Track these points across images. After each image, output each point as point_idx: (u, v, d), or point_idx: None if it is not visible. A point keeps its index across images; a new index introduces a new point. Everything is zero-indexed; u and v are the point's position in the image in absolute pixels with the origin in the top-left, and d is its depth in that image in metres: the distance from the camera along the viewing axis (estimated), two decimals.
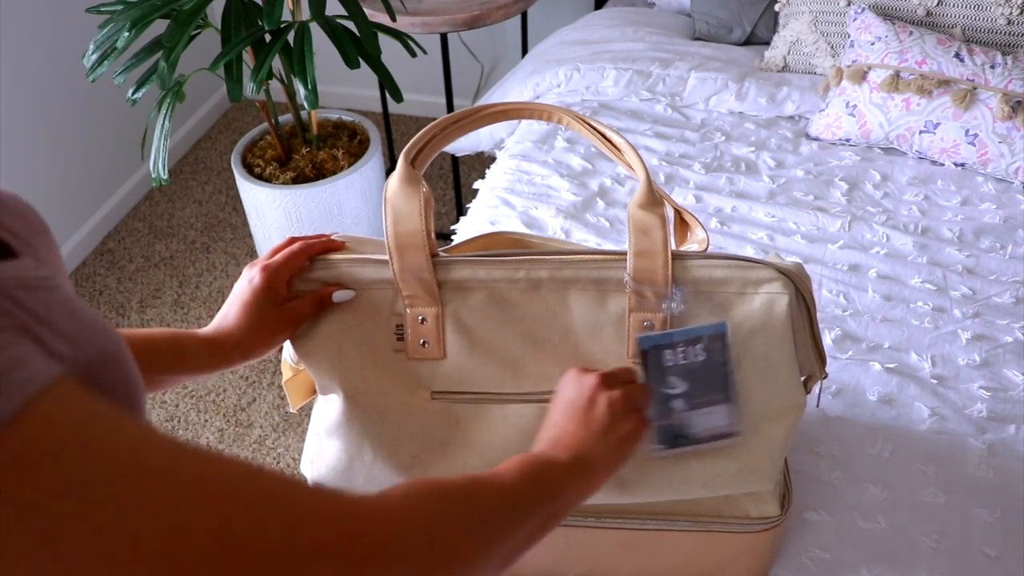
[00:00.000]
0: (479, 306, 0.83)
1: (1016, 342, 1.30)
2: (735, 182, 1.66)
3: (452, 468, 0.84)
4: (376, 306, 0.84)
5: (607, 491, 0.85)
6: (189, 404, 2.13)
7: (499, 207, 1.62)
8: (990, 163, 1.64)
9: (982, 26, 1.78)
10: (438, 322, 0.83)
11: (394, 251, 0.81)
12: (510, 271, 0.83)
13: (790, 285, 0.82)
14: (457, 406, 0.84)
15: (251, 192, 1.99)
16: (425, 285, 0.82)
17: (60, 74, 2.39)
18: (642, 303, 0.81)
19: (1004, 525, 1.06)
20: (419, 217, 0.79)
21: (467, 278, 0.83)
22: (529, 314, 0.83)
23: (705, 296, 0.82)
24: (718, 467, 0.86)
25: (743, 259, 0.83)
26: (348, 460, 0.86)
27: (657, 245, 0.79)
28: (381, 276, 0.83)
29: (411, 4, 2.16)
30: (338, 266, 0.83)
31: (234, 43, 1.73)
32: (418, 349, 0.84)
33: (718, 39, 2.11)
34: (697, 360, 0.81)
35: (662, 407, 0.82)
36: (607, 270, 0.82)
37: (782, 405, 0.85)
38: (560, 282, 0.82)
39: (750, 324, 0.82)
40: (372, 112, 3.08)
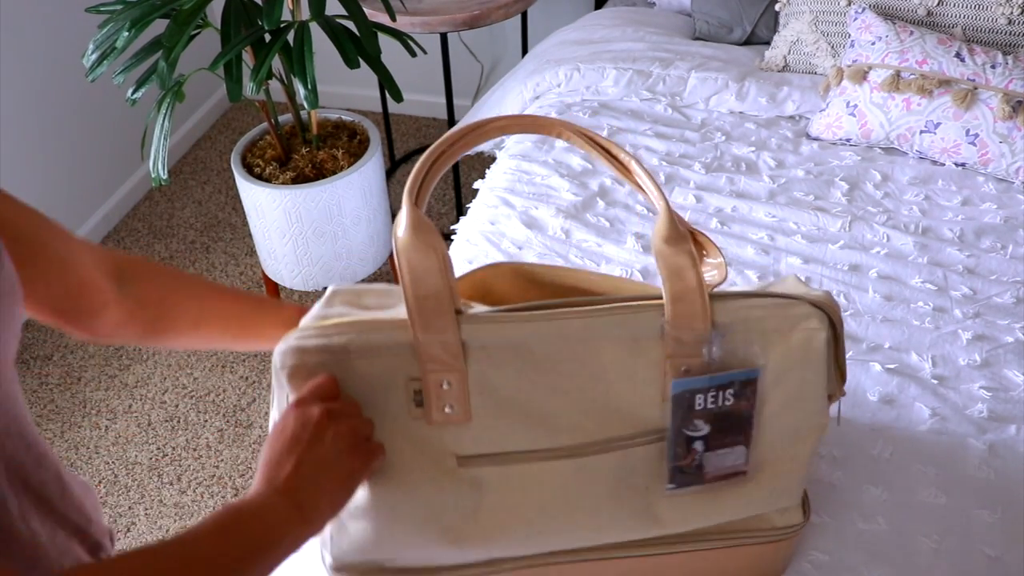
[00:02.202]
0: (506, 363, 0.77)
1: (1017, 342, 1.30)
2: (735, 182, 1.65)
3: (488, 534, 0.81)
4: (390, 374, 0.76)
5: (645, 528, 0.85)
6: (189, 404, 2.13)
7: (499, 207, 1.61)
8: (991, 163, 1.64)
9: (983, 26, 1.78)
10: (463, 385, 0.76)
11: (416, 314, 0.74)
12: (540, 326, 0.76)
13: (826, 319, 0.81)
14: (486, 469, 0.79)
15: (251, 192, 1.98)
16: (449, 348, 0.75)
17: (59, 74, 2.39)
18: (680, 348, 0.78)
19: (1005, 526, 1.05)
20: (440, 275, 0.73)
21: (495, 337, 0.76)
22: (559, 367, 0.78)
23: (744, 336, 0.79)
24: (750, 493, 0.86)
25: (779, 295, 0.80)
26: (377, 539, 0.81)
27: (692, 287, 0.76)
28: (396, 340, 0.75)
29: (411, 4, 2.16)
30: (348, 332, 0.75)
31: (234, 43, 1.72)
32: (441, 415, 0.77)
33: (718, 39, 2.11)
34: (725, 405, 0.79)
35: (683, 448, 0.81)
36: (642, 319, 0.77)
37: (808, 428, 0.85)
38: (593, 333, 0.77)
39: (789, 361, 0.80)
40: (372, 112, 3.07)
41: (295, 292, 2.39)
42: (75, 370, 2.23)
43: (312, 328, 0.76)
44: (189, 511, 1.89)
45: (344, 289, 0.82)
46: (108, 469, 2.00)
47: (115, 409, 2.13)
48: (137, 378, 2.20)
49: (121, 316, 0.77)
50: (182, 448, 2.03)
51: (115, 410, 2.13)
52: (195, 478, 1.96)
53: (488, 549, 0.83)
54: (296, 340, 0.76)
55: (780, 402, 0.82)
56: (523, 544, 0.84)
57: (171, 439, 2.05)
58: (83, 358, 2.26)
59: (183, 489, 1.94)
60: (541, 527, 0.82)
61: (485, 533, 0.81)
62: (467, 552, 0.83)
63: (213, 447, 2.02)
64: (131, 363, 2.24)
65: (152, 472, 1.98)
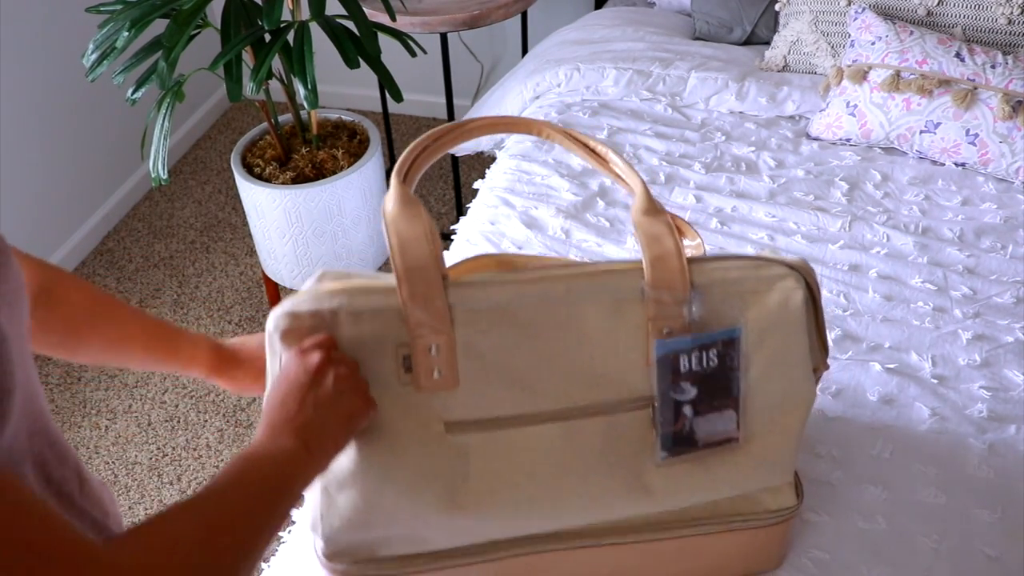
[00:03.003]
0: (492, 328, 0.79)
1: (1017, 342, 1.30)
2: (735, 182, 1.65)
3: (478, 501, 0.82)
4: (380, 339, 0.78)
5: (636, 502, 0.86)
6: (189, 404, 2.13)
7: (499, 207, 1.61)
8: (991, 163, 1.64)
9: (983, 26, 1.78)
10: (450, 350, 0.78)
11: (403, 278, 0.76)
12: (524, 288, 0.79)
13: (802, 280, 0.83)
14: (474, 435, 0.81)
15: (251, 192, 1.98)
16: (436, 312, 0.77)
17: (59, 74, 2.39)
18: (661, 310, 0.80)
19: (1004, 525, 1.05)
20: (426, 240, 0.76)
21: (479, 300, 0.78)
22: (543, 331, 0.80)
23: (722, 297, 0.81)
24: (741, 464, 0.87)
25: (754, 258, 0.83)
26: (367, 509, 0.82)
27: (671, 251, 0.79)
28: (385, 305, 0.77)
29: (411, 4, 2.16)
30: (339, 296, 0.78)
31: (234, 43, 1.72)
32: (429, 380, 0.79)
33: (718, 39, 2.11)
34: (710, 366, 0.81)
35: (671, 413, 0.82)
36: (623, 281, 0.80)
37: (795, 398, 0.86)
38: (576, 296, 0.80)
39: (767, 321, 0.82)
40: (372, 112, 3.07)
41: (295, 292, 2.39)
42: (75, 370, 2.23)
43: (305, 293, 0.79)
44: None
45: (333, 271, 0.84)
46: (108, 469, 1.99)
47: (115, 409, 2.13)
48: (137, 378, 2.20)
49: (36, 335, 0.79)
50: (182, 448, 2.03)
51: (115, 410, 2.13)
52: (195, 478, 1.96)
53: (479, 519, 0.84)
54: (289, 304, 0.78)
55: (764, 365, 0.83)
56: (514, 514, 0.84)
57: (171, 439, 2.05)
58: None
59: (183, 489, 1.94)
60: (531, 492, 0.83)
61: (476, 500, 0.82)
62: (458, 522, 0.83)
63: (213, 447, 2.03)
64: None
65: (152, 472, 1.98)
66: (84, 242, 2.55)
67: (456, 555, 0.89)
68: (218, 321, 2.34)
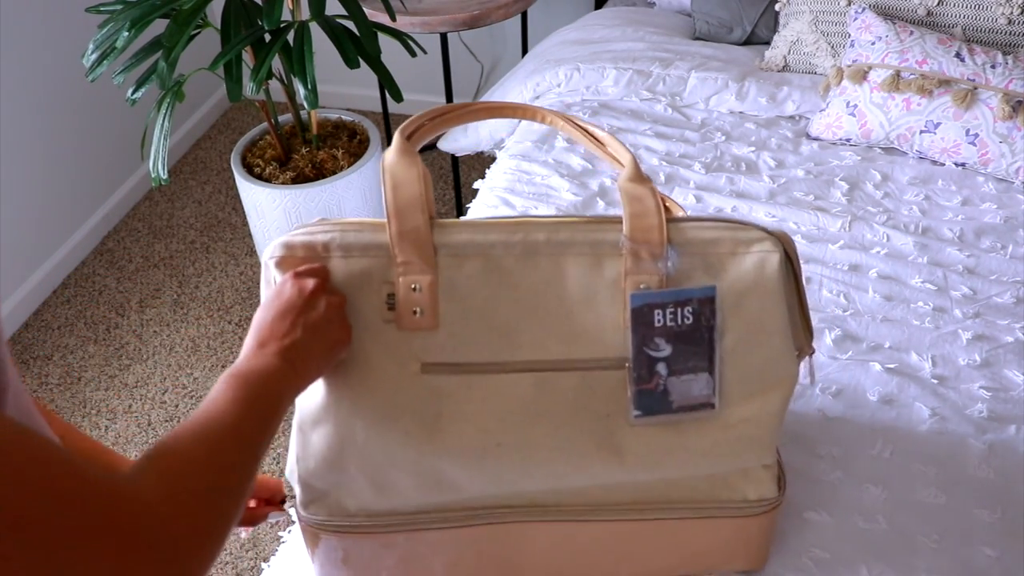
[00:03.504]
0: (474, 274, 0.82)
1: (1017, 342, 1.30)
2: (735, 182, 1.65)
3: (447, 442, 0.83)
4: (366, 274, 0.81)
5: (607, 462, 0.86)
6: (189, 404, 2.13)
7: (499, 207, 1.61)
8: (991, 163, 1.64)
9: (983, 26, 1.78)
10: (432, 290, 0.81)
11: (392, 214, 0.80)
12: (507, 235, 0.82)
13: (779, 245, 0.83)
14: (449, 378, 0.83)
15: (251, 192, 1.98)
16: (422, 250, 0.80)
17: (59, 74, 2.39)
18: (638, 265, 0.82)
19: (1004, 525, 1.05)
20: (418, 183, 0.79)
21: (464, 242, 0.82)
22: (524, 282, 0.82)
23: (698, 257, 0.83)
24: (717, 435, 0.86)
25: (732, 220, 0.84)
26: (340, 444, 0.84)
27: (650, 209, 0.81)
28: (374, 241, 0.81)
29: (411, 4, 2.16)
30: (332, 230, 0.82)
31: (234, 43, 1.72)
32: (410, 319, 0.82)
33: (718, 39, 2.11)
34: (685, 323, 0.82)
35: (645, 370, 0.83)
36: (603, 233, 0.82)
37: (776, 374, 0.86)
38: (556, 245, 0.82)
39: (743, 284, 0.83)
40: (372, 112, 3.07)
41: None
42: (75, 370, 2.23)
43: (300, 227, 0.83)
44: None
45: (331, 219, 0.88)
46: None
47: (115, 409, 2.13)
48: (137, 378, 2.20)
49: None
50: None
51: (115, 410, 2.13)
52: None
53: (448, 461, 0.85)
54: (285, 236, 0.82)
55: (742, 331, 0.84)
56: (482, 460, 0.85)
57: None
58: (83, 358, 2.26)
59: None
60: (500, 438, 0.84)
61: (444, 441, 0.83)
62: (426, 462, 0.84)
63: None
64: (131, 363, 2.24)
65: None
66: (84, 242, 2.55)
67: (429, 519, 0.89)
68: (218, 321, 2.34)
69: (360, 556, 0.92)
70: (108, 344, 2.29)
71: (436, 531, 0.90)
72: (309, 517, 0.89)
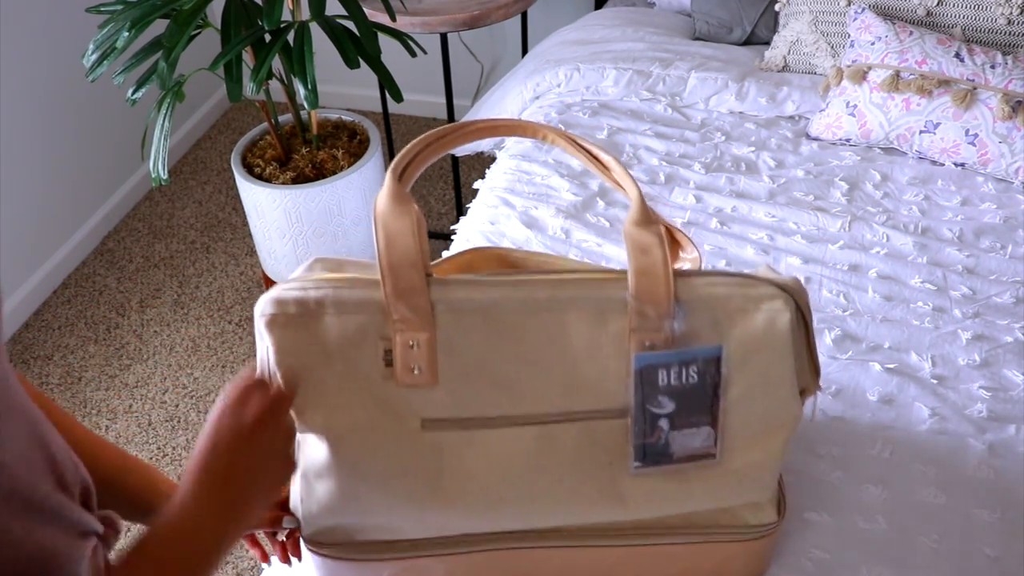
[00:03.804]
0: (474, 329, 0.79)
1: (1016, 342, 1.30)
2: (735, 182, 1.66)
3: (450, 497, 0.82)
4: (362, 331, 0.78)
5: (611, 508, 0.86)
6: (189, 404, 2.13)
7: (499, 207, 1.62)
8: (990, 163, 1.64)
9: (982, 26, 1.78)
10: (430, 346, 0.78)
11: (387, 272, 0.76)
12: (507, 292, 0.79)
13: (791, 302, 0.81)
14: (449, 434, 0.81)
15: (251, 192, 1.99)
16: (418, 308, 0.77)
17: (60, 74, 2.39)
18: (643, 323, 0.79)
19: (1004, 525, 1.06)
20: (412, 236, 0.76)
21: (462, 299, 0.79)
22: (526, 336, 0.80)
23: (707, 314, 0.80)
24: (717, 480, 0.86)
25: (743, 276, 0.82)
26: (342, 500, 0.83)
27: (657, 263, 0.78)
28: (369, 298, 0.78)
29: (411, 4, 2.16)
30: (325, 287, 0.78)
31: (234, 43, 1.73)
32: (409, 376, 0.79)
33: (718, 39, 2.11)
34: (689, 382, 0.80)
35: (647, 425, 0.82)
36: (607, 290, 0.79)
37: (779, 419, 0.85)
38: (559, 303, 0.79)
39: (752, 341, 0.81)
40: (372, 112, 3.08)
41: None
42: (75, 370, 2.23)
43: (294, 280, 0.80)
44: None
45: (327, 258, 0.85)
46: None
47: (115, 409, 2.13)
48: (137, 378, 2.20)
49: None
50: (182, 448, 2.03)
51: (115, 410, 2.13)
52: None
53: (450, 515, 0.84)
54: (277, 291, 0.79)
55: (746, 385, 0.82)
56: (484, 513, 0.84)
57: (171, 439, 2.05)
58: (83, 358, 2.26)
59: None
60: (503, 493, 0.83)
61: (447, 497, 0.82)
62: (429, 517, 0.84)
63: None
64: (131, 363, 2.24)
65: None
66: (85, 242, 2.56)
67: (434, 545, 0.89)
68: (218, 321, 2.34)
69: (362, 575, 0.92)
70: (108, 344, 2.30)
71: (438, 557, 0.90)
72: (314, 548, 0.90)
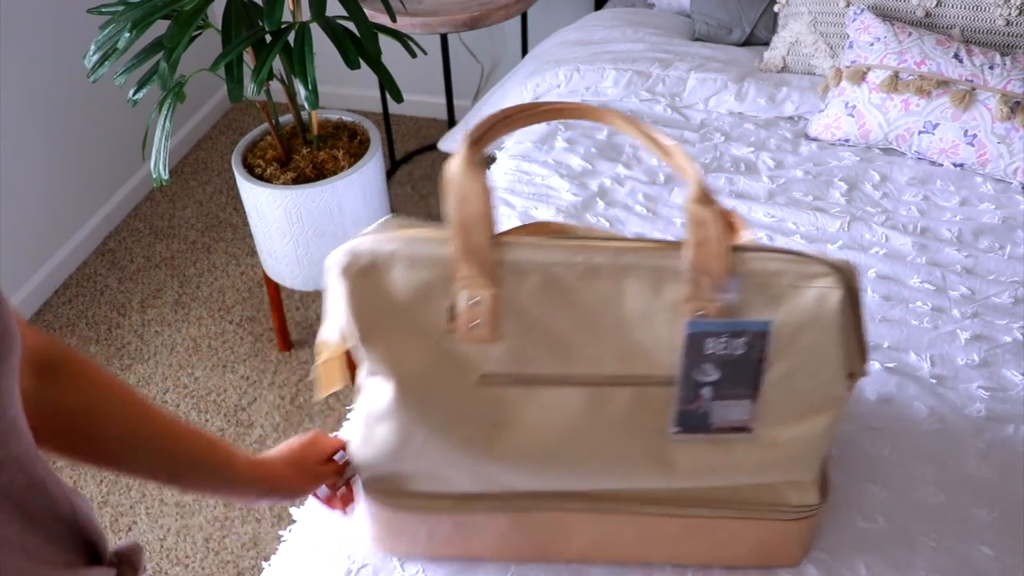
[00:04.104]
0: (535, 289, 0.83)
1: (1015, 342, 1.30)
2: (735, 182, 1.66)
3: (504, 451, 0.86)
4: (429, 286, 0.83)
5: (657, 473, 0.88)
6: (190, 404, 2.13)
7: (499, 207, 1.62)
8: (989, 163, 1.64)
9: (981, 27, 1.78)
10: (493, 304, 0.83)
11: (457, 231, 0.81)
12: (569, 255, 0.83)
13: (842, 281, 0.83)
14: (506, 389, 0.85)
15: (252, 192, 1.99)
16: (484, 266, 0.82)
17: (61, 75, 2.40)
18: (698, 292, 0.82)
19: (1003, 525, 1.06)
20: (482, 199, 0.80)
21: (526, 261, 0.83)
22: (584, 299, 0.83)
23: (759, 288, 0.82)
24: (763, 454, 0.88)
25: (797, 253, 0.84)
26: (399, 444, 0.88)
27: (714, 237, 0.81)
28: (437, 254, 0.83)
29: (411, 4, 2.16)
30: (397, 241, 0.83)
31: (235, 44, 1.73)
32: (471, 331, 0.83)
33: (718, 40, 2.12)
34: (736, 353, 0.83)
35: (690, 392, 0.84)
36: (665, 259, 0.82)
37: (825, 398, 0.87)
38: (618, 268, 0.83)
39: (801, 317, 0.83)
40: (372, 112, 3.08)
41: (296, 292, 2.39)
42: None
43: (367, 235, 0.85)
44: (190, 510, 1.90)
45: (399, 219, 0.90)
46: None
47: None
48: (138, 378, 2.20)
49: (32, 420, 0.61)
50: None
51: None
52: None
53: (502, 468, 0.88)
54: (351, 243, 0.84)
55: (793, 362, 0.84)
56: (535, 468, 0.88)
57: None
58: None
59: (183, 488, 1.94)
60: (554, 449, 0.87)
61: (500, 450, 0.86)
62: (482, 467, 0.88)
63: None
64: (132, 363, 2.24)
65: None
66: (86, 242, 2.56)
67: (482, 500, 0.94)
68: (219, 321, 2.34)
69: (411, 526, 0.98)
70: (109, 344, 2.30)
71: (484, 514, 0.95)
72: (367, 493, 0.96)
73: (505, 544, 0.99)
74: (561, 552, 1.00)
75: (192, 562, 1.81)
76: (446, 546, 1.00)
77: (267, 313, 2.35)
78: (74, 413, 0.69)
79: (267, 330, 2.31)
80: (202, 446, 0.79)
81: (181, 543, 1.84)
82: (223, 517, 1.88)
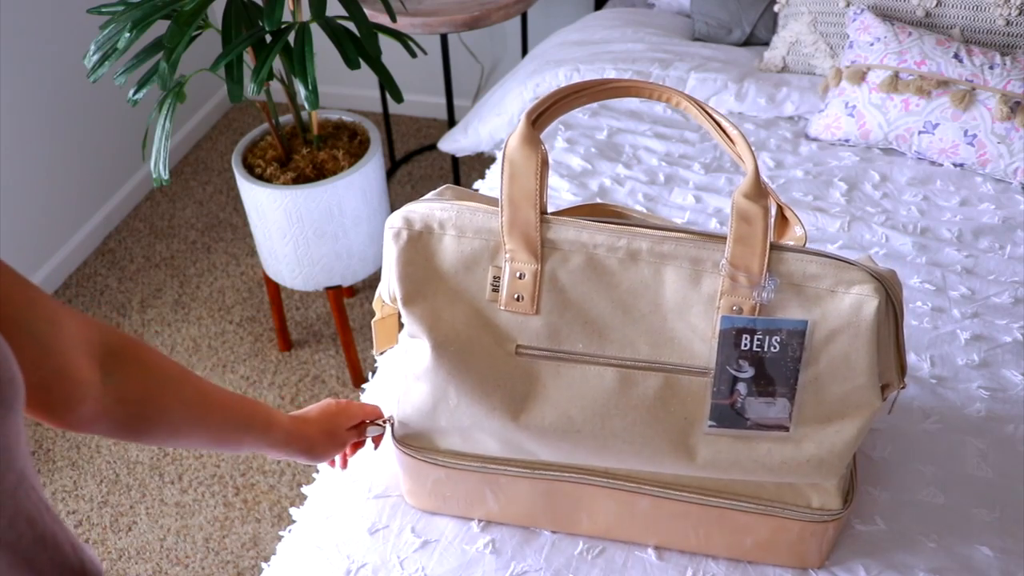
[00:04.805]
0: (577, 269, 0.86)
1: (1015, 342, 1.30)
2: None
3: (531, 421, 0.89)
4: (476, 256, 0.87)
5: (677, 460, 0.89)
6: None
7: None
8: (989, 163, 1.64)
9: (981, 27, 1.78)
10: (536, 279, 0.86)
11: (507, 204, 0.84)
12: (612, 238, 0.85)
13: (882, 290, 0.82)
14: (540, 362, 0.88)
15: (252, 192, 1.99)
16: (530, 241, 0.85)
17: (61, 75, 2.40)
18: (735, 288, 0.83)
19: (1003, 525, 1.06)
20: (535, 176, 0.83)
21: (570, 240, 0.85)
22: (623, 283, 0.85)
23: (796, 289, 0.83)
24: (787, 454, 0.88)
25: (839, 258, 0.84)
26: (433, 403, 0.92)
27: (757, 234, 0.82)
28: (486, 226, 0.86)
29: (411, 5, 2.16)
30: (449, 211, 0.86)
31: (235, 44, 1.73)
32: (512, 303, 0.87)
33: (718, 40, 2.12)
34: (771, 351, 0.84)
35: (726, 387, 0.85)
36: (705, 250, 0.84)
37: (856, 404, 0.87)
38: (658, 255, 0.84)
39: (836, 322, 0.83)
40: (372, 112, 3.08)
41: (296, 292, 2.39)
42: None
43: (424, 200, 0.89)
44: (190, 510, 1.90)
45: (457, 188, 0.94)
46: (110, 468, 2.00)
47: None
48: None
49: (98, 410, 0.69)
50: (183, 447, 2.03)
51: None
52: (196, 477, 1.97)
53: (529, 437, 0.91)
54: (407, 208, 0.88)
55: (827, 365, 0.84)
56: (560, 442, 0.90)
57: None
58: None
59: (184, 488, 1.95)
60: (580, 425, 0.89)
61: (528, 419, 0.89)
62: (509, 434, 0.91)
63: None
64: None
65: (153, 471, 1.99)
66: (86, 242, 2.56)
67: (507, 463, 0.97)
68: (219, 321, 2.34)
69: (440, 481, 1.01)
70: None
71: (508, 477, 0.98)
72: (402, 447, 0.99)
73: (527, 511, 1.01)
74: (580, 525, 1.02)
75: (192, 562, 1.81)
76: (472, 506, 1.03)
77: (267, 313, 2.35)
78: (137, 402, 0.73)
79: (267, 330, 2.31)
80: (246, 414, 0.85)
81: (181, 543, 1.84)
82: (223, 517, 1.88)
